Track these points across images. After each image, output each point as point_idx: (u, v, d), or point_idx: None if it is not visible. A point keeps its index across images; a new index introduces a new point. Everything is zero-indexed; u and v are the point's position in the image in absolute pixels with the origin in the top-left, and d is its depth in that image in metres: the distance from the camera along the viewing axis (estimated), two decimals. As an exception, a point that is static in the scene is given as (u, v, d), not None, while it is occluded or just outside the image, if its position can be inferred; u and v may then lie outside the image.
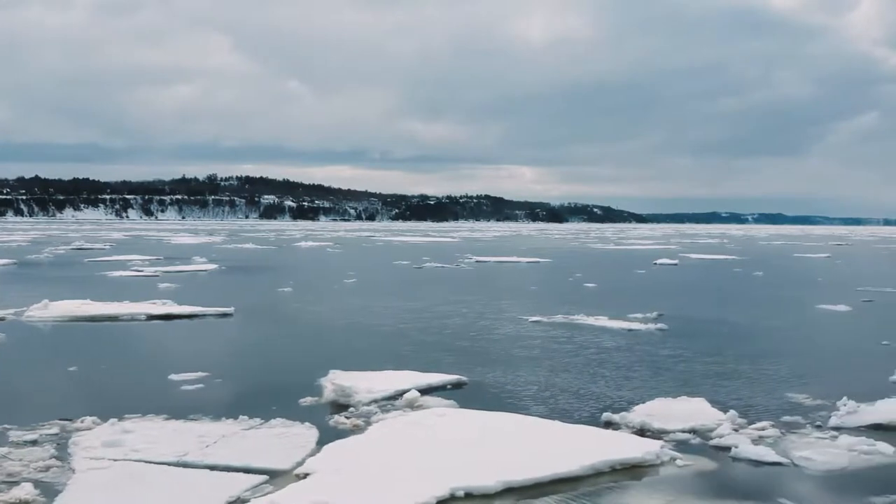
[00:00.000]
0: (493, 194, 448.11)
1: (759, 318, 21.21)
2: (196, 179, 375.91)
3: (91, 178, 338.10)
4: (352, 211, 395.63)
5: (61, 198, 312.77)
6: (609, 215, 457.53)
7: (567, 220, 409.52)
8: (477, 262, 47.96)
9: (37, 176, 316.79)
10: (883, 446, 8.75)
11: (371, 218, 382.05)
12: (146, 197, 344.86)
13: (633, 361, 14.26)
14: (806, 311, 22.55)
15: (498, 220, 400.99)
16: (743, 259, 54.18)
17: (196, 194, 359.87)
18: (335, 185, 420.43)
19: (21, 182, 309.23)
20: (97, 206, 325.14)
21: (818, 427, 9.66)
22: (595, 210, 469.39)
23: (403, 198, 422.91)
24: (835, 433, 9.29)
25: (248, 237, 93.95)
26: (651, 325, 18.69)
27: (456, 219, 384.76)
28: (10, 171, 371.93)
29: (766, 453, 8.46)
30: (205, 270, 37.81)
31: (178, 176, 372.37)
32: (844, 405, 10.45)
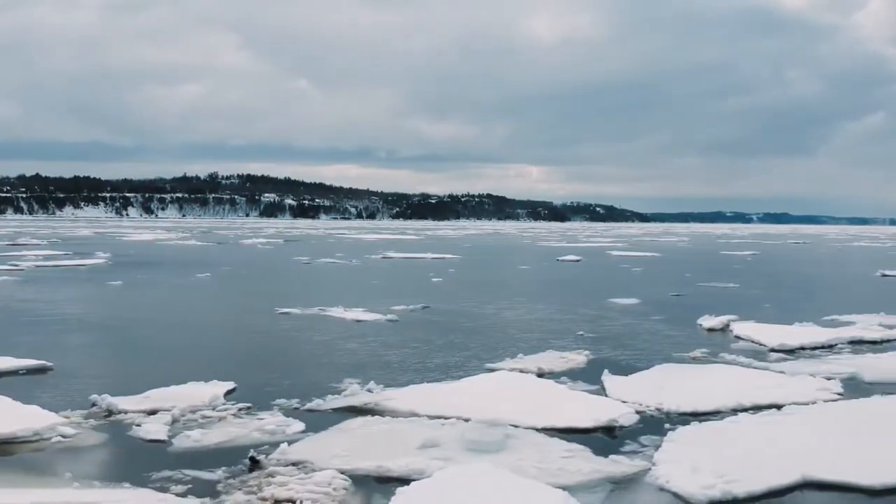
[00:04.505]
0: (499, 193, 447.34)
1: (531, 310, 21.27)
2: (197, 178, 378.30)
3: (92, 177, 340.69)
4: (352, 209, 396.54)
5: (61, 196, 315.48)
6: (612, 214, 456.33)
7: (569, 220, 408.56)
8: (383, 258, 48.30)
9: (38, 174, 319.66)
10: (296, 425, 9.04)
11: (372, 216, 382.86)
12: (146, 195, 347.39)
13: (286, 351, 14.57)
14: (587, 304, 22.60)
15: (500, 218, 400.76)
16: (659, 257, 54.24)
17: (197, 192, 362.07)
18: (342, 185, 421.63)
19: (21, 180, 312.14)
20: (97, 205, 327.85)
21: (293, 409, 9.92)
22: (598, 209, 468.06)
23: (405, 196, 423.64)
24: (295, 412, 9.65)
25: (212, 235, 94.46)
26: (388, 317, 18.92)
27: (458, 218, 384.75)
28: (17, 169, 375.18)
29: (158, 431, 8.75)
30: (84, 266, 38.24)
31: (183, 174, 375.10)
32: (348, 390, 10.74)
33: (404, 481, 7.31)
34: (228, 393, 10.72)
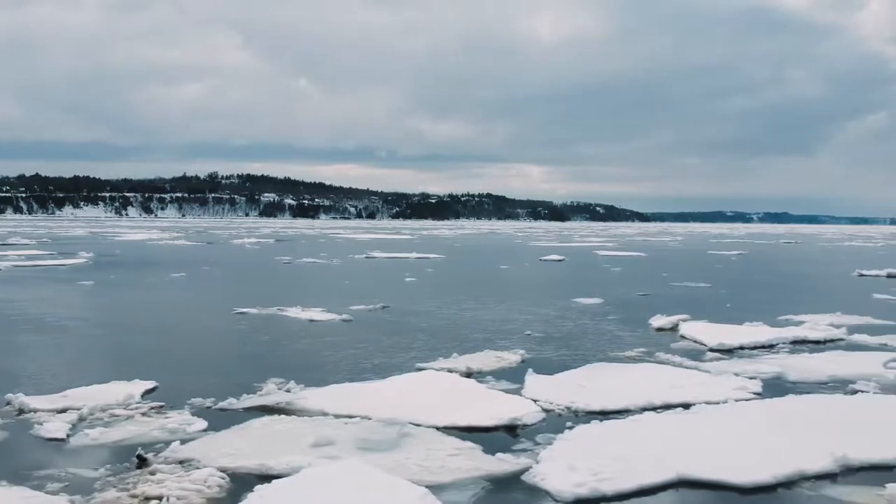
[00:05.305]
0: (500, 193, 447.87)
1: (491, 310, 21.25)
2: (197, 177, 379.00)
3: (92, 177, 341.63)
4: (352, 209, 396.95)
5: (61, 196, 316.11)
6: (612, 214, 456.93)
7: (570, 219, 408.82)
8: (366, 258, 48.42)
9: (37, 174, 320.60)
10: (199, 424, 9.13)
11: (371, 216, 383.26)
12: (146, 195, 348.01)
13: (226, 351, 14.69)
14: (549, 304, 22.63)
15: (500, 218, 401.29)
16: (645, 256, 54.32)
17: (197, 192, 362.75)
18: (342, 184, 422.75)
19: (21, 180, 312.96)
20: (97, 205, 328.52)
21: (205, 409, 10.00)
22: (598, 209, 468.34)
23: (405, 196, 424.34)
24: (206, 411, 9.76)
25: (205, 235, 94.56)
26: (342, 317, 18.98)
27: (457, 217, 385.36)
28: (18, 169, 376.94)
29: (58, 429, 8.85)
30: (64, 265, 38.33)
31: (183, 174, 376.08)
32: (264, 389, 10.84)
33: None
34: (148, 392, 10.80)
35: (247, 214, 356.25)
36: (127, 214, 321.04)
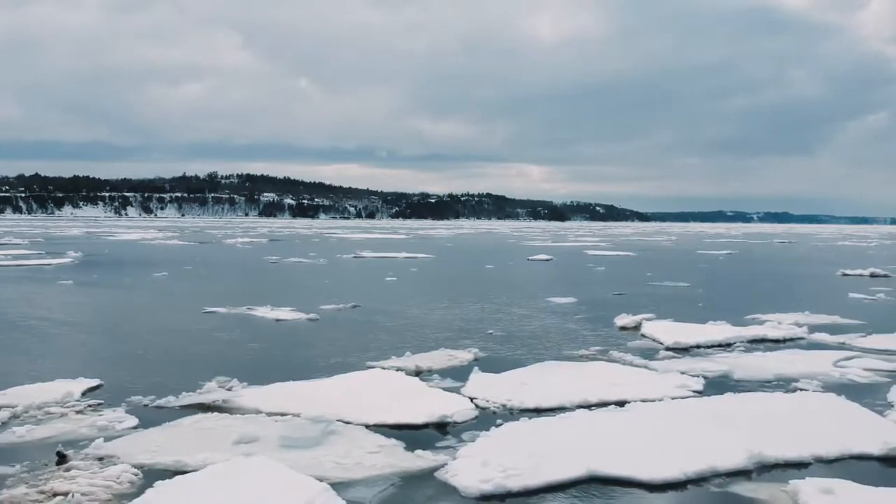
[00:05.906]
0: (500, 193, 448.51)
1: (463, 310, 21.33)
2: (196, 177, 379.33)
3: (91, 176, 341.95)
4: (352, 209, 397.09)
5: (60, 195, 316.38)
6: (612, 213, 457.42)
7: (570, 219, 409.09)
8: (354, 257, 48.50)
9: (37, 173, 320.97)
10: (129, 421, 9.19)
11: (371, 216, 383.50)
12: (145, 195, 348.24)
13: (183, 350, 14.76)
14: (522, 303, 22.70)
15: (499, 218, 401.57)
16: (633, 256, 54.35)
17: (196, 192, 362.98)
18: (342, 184, 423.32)
19: (20, 179, 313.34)
20: (96, 204, 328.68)
21: (142, 406, 10.05)
22: (598, 209, 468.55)
23: (404, 196, 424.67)
24: (142, 409, 9.81)
25: (201, 235, 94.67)
26: (309, 316, 19.06)
27: (457, 217, 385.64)
28: (18, 169, 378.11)
29: (-13, 427, 8.90)
30: (50, 265, 38.42)
31: (182, 174, 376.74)
32: (204, 388, 10.87)
33: (196, 476, 7.43)
34: (91, 390, 10.87)
35: (246, 214, 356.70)
36: (126, 214, 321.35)
